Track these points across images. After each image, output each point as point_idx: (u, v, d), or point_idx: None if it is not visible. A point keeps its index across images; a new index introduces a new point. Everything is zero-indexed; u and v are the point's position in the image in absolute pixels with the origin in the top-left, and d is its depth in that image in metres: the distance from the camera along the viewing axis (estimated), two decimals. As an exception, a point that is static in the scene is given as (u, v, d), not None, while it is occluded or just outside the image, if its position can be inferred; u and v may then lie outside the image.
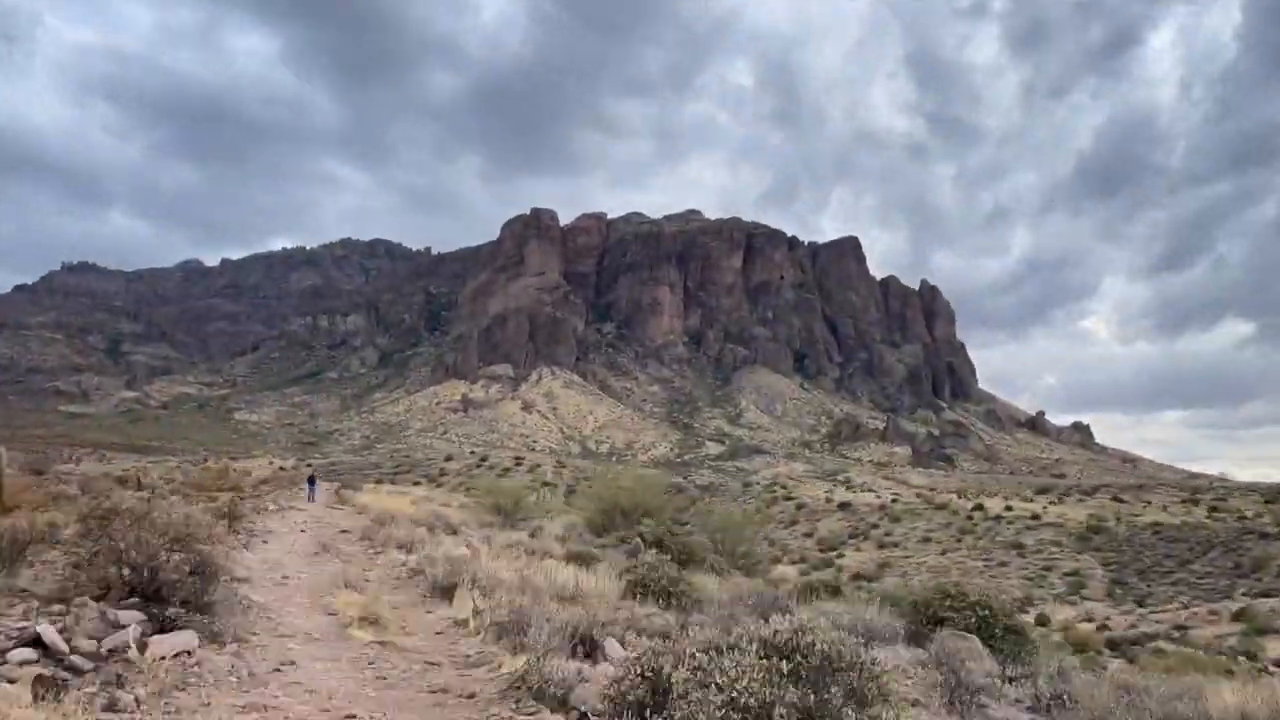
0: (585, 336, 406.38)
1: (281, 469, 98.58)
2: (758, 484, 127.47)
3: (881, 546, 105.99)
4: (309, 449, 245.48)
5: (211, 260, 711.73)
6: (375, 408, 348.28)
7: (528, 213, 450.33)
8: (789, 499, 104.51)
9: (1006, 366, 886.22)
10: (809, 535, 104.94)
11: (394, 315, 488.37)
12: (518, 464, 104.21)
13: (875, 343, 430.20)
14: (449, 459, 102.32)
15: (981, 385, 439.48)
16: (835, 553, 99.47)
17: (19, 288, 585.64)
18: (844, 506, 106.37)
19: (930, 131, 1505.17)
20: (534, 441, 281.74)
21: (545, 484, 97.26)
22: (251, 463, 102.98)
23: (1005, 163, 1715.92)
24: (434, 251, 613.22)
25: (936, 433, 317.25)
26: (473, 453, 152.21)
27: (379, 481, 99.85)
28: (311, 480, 60.78)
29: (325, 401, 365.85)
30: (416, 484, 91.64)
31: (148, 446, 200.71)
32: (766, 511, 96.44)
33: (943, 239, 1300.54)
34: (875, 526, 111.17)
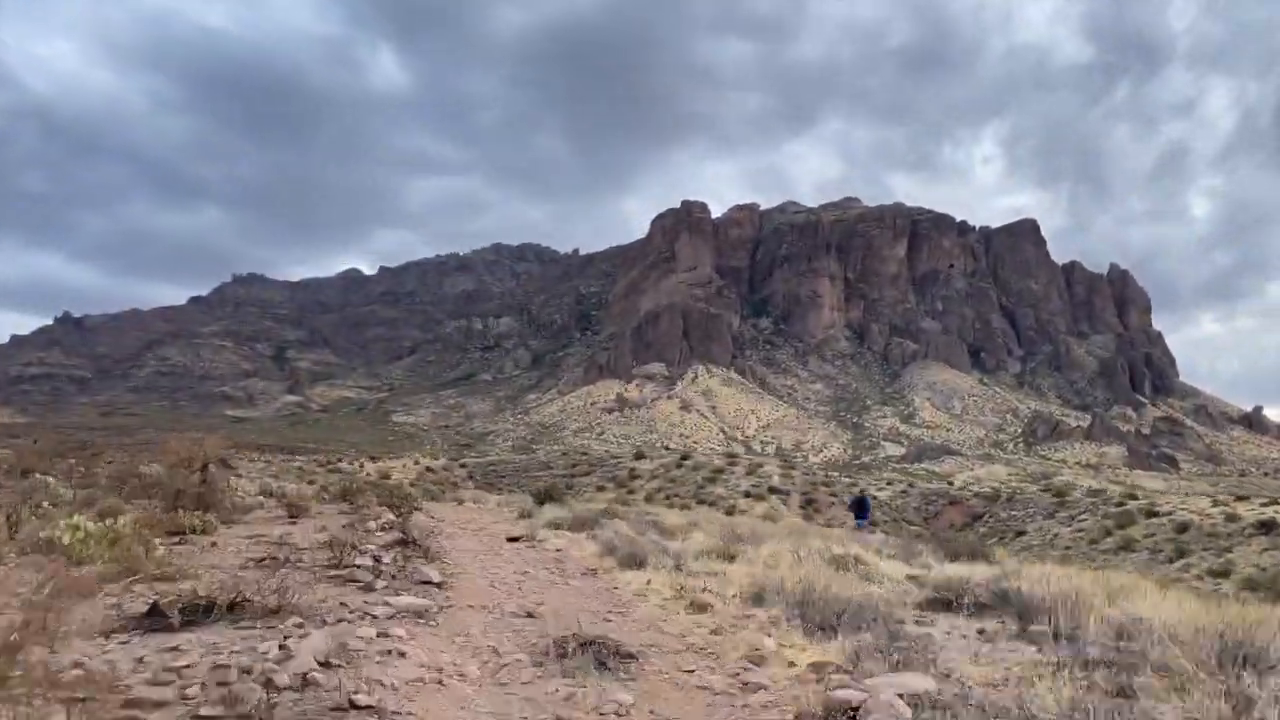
0: (741, 333, 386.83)
1: (429, 469, 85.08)
2: (1079, 495, 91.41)
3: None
4: (464, 449, 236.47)
5: (370, 269, 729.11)
6: (529, 408, 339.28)
7: (678, 206, 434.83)
8: (1152, 514, 73.28)
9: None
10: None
11: (545, 316, 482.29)
12: (731, 463, 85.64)
13: (1060, 334, 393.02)
14: (640, 456, 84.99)
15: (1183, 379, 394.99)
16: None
17: (194, 299, 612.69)
18: (1268, 529, 65.92)
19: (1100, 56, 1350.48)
20: (695, 443, 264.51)
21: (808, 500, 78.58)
22: (395, 463, 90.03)
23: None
24: (581, 252, 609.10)
25: (1146, 431, 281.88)
26: (667, 448, 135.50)
27: (567, 488, 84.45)
28: (861, 505, 41.55)
29: (480, 403, 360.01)
30: (602, 489, 75.24)
31: (302, 448, 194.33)
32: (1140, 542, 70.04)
33: (1108, 197, 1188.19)
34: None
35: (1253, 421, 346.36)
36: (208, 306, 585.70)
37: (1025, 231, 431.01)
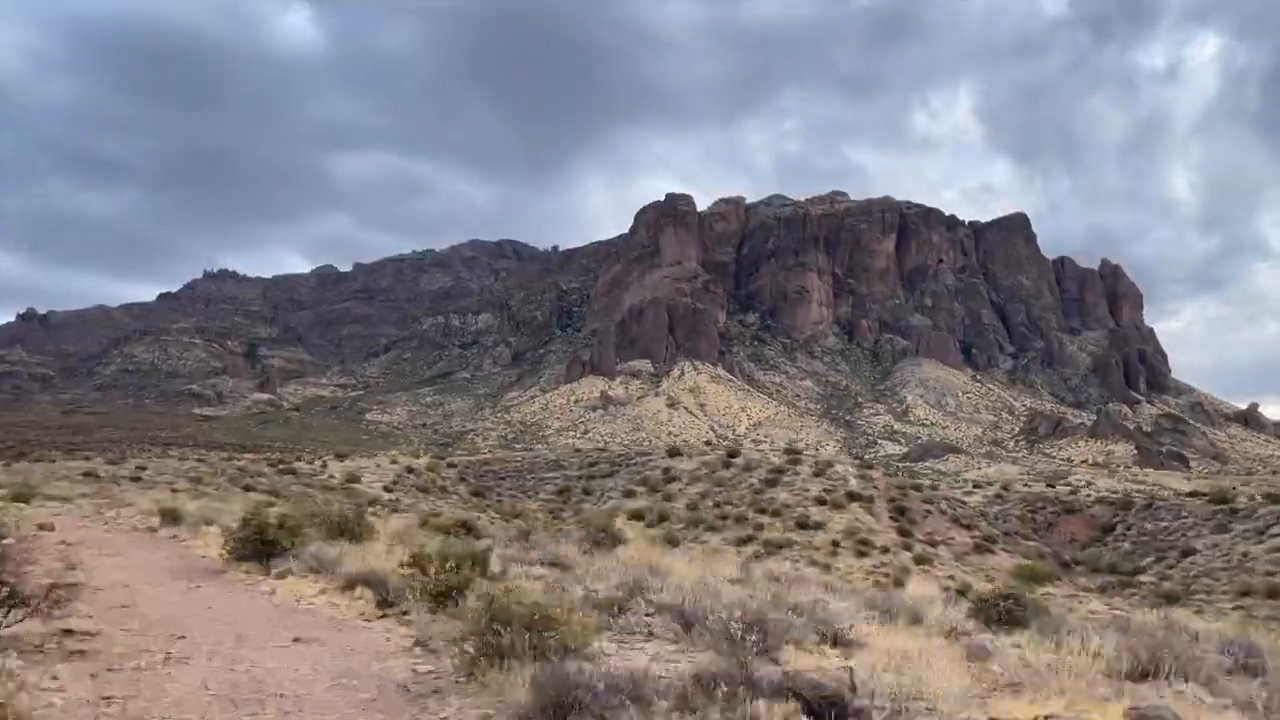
0: (727, 328, 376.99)
1: (410, 470, 72.46)
2: (1253, 503, 74.82)
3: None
4: (444, 448, 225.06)
5: (344, 265, 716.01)
6: (510, 406, 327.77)
7: (662, 199, 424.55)
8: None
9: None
10: None
11: (525, 313, 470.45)
12: (793, 462, 72.43)
13: (1052, 330, 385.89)
14: (676, 454, 72.78)
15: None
16: None
17: (163, 296, 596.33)
18: None
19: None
20: (684, 441, 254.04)
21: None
22: (367, 462, 77.24)
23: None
24: (561, 248, 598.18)
25: (1148, 429, 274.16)
26: (709, 444, 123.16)
27: (585, 493, 72.29)
28: None
29: (458, 401, 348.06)
30: (631, 494, 63.15)
31: (269, 448, 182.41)
32: None
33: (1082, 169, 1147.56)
34: None
35: (1249, 419, 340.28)
36: (177, 303, 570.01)
37: (1015, 226, 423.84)
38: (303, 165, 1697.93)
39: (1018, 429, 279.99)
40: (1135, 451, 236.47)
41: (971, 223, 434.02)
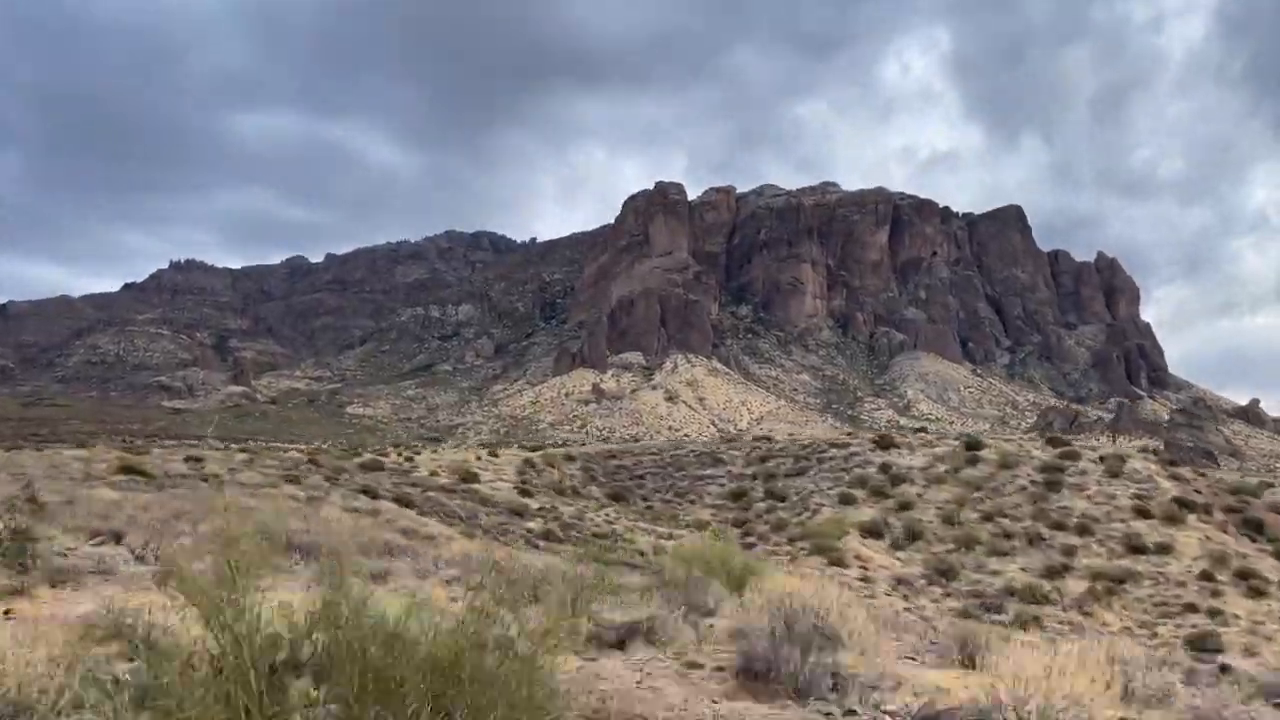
0: (720, 320, 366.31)
1: (529, 463, 57.22)
2: None
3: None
4: (433, 443, 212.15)
5: (315, 256, 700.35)
6: (498, 399, 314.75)
7: (651, 187, 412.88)
8: None
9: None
10: None
11: (506, 304, 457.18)
12: (1068, 458, 56.36)
13: (1048, 324, 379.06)
14: (888, 445, 60.12)
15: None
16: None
17: (128, 286, 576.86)
18: None
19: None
20: (685, 435, 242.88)
21: None
22: (457, 455, 64.25)
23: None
24: (538, 239, 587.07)
25: (1164, 424, 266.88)
26: (922, 430, 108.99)
27: (771, 498, 58.11)
28: None
29: (442, 394, 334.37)
30: (849, 499, 47.36)
31: (256, 440, 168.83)
32: None
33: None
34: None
35: (1250, 414, 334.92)
36: (142, 293, 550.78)
37: (1009, 218, 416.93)
38: (201, 127, 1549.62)
39: (1027, 424, 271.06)
40: (1161, 448, 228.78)
41: (965, 215, 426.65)
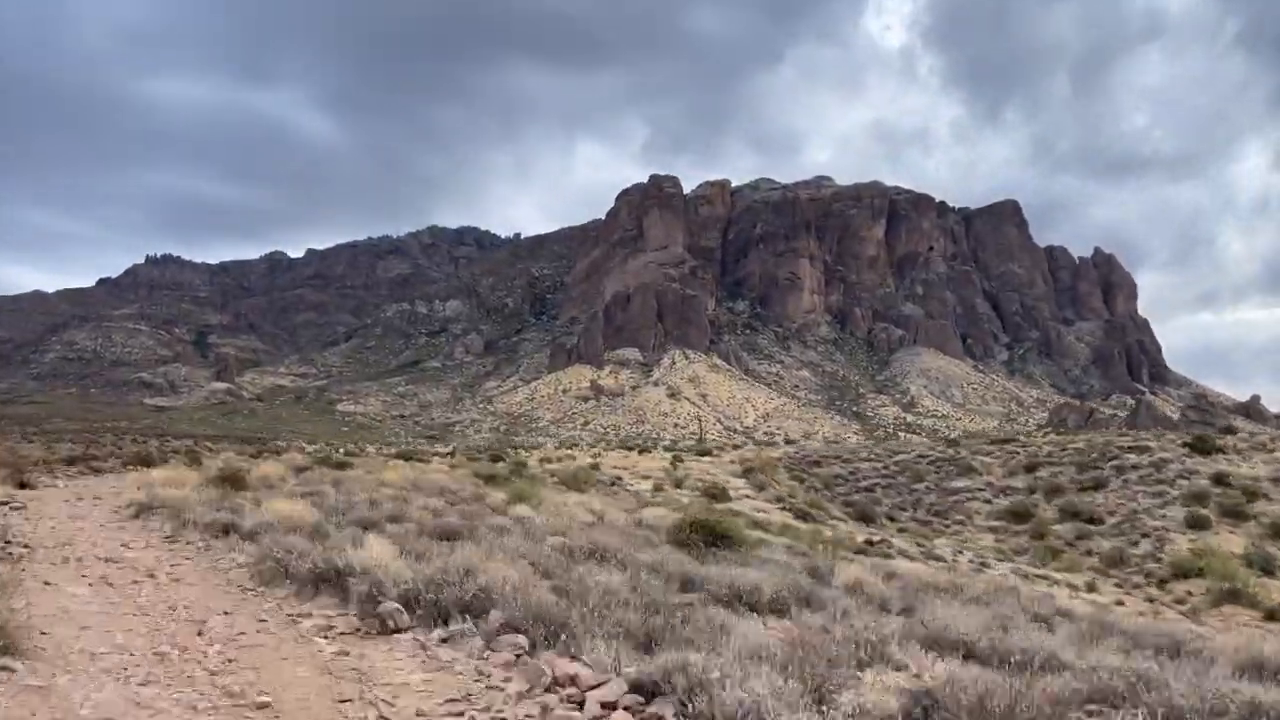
0: (717, 316, 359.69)
1: (748, 471, 48.68)
2: None
3: None
4: (433, 441, 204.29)
5: (296, 251, 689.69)
6: (492, 396, 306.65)
7: (645, 180, 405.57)
8: None
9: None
10: None
11: (495, 300, 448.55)
12: (1219, 472, 46.78)
13: (1046, 320, 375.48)
14: (1204, 447, 50.59)
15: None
16: None
17: (103, 281, 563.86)
18: None
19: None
20: (691, 433, 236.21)
21: None
22: (608, 454, 54.50)
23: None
24: (523, 235, 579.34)
25: (1179, 420, 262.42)
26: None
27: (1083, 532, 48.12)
28: None
29: (434, 391, 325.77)
30: (1198, 523, 36.06)
31: (251, 439, 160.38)
32: None
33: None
34: None
35: (1251, 411, 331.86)
36: (118, 289, 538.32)
37: (1007, 213, 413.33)
38: (108, 91, 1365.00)
39: (1036, 421, 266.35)
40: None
41: (961, 209, 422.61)
